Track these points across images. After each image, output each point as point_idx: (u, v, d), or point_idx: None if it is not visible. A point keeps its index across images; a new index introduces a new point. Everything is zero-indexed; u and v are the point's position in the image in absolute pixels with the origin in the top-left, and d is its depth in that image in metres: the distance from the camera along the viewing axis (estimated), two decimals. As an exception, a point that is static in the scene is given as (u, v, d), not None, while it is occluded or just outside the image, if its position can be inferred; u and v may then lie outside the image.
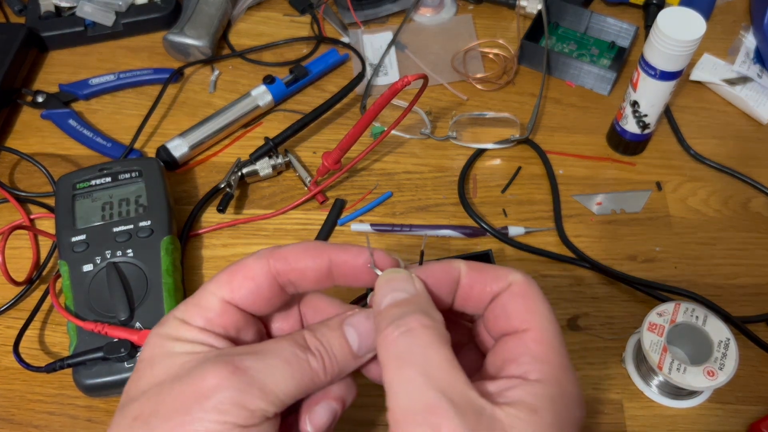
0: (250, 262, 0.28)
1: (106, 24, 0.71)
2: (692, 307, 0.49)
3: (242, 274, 0.28)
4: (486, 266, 0.28)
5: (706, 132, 0.67)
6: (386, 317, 0.26)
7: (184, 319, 0.28)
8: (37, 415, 0.50)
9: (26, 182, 0.62)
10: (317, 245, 0.29)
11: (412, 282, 0.28)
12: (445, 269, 0.28)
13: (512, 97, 0.69)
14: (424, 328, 0.25)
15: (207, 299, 0.28)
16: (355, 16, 0.74)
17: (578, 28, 0.74)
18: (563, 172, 0.63)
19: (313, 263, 0.28)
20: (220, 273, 0.29)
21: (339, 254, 0.29)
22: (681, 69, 0.55)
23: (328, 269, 0.29)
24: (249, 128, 0.66)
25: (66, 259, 0.52)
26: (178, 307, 0.29)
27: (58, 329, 0.54)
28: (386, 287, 0.27)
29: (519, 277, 0.28)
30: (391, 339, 0.25)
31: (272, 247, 0.29)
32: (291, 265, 0.28)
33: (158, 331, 0.28)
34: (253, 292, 0.28)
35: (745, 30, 0.74)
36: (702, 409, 0.51)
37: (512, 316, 0.27)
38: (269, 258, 0.28)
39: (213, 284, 0.29)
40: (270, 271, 0.28)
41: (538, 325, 0.27)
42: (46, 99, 0.66)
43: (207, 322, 0.28)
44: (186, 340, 0.27)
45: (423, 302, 0.27)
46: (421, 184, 0.62)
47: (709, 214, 0.61)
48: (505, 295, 0.28)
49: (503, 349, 0.27)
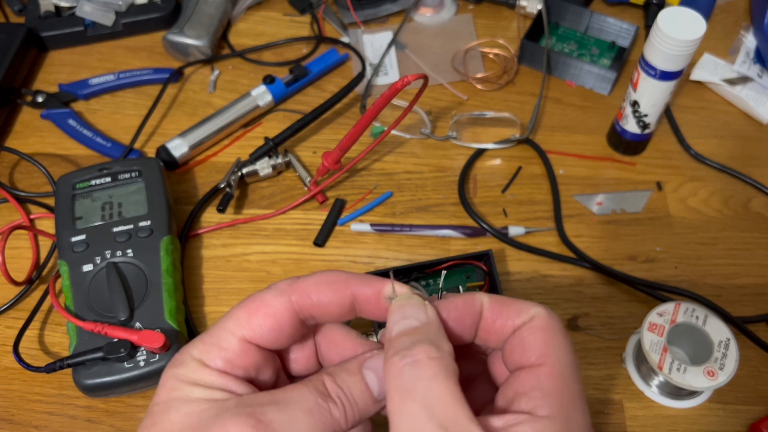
0: (269, 298, 0.28)
1: (106, 24, 0.71)
2: (692, 307, 0.49)
3: (263, 312, 0.27)
4: (508, 300, 0.28)
5: (706, 132, 0.67)
6: (394, 346, 0.25)
7: (203, 359, 0.27)
8: (37, 415, 0.50)
9: (26, 182, 0.62)
10: (339, 278, 0.28)
11: (423, 309, 0.27)
12: (468, 302, 0.28)
13: (512, 97, 0.69)
14: (430, 360, 0.24)
15: (226, 339, 0.27)
16: (355, 15, 0.74)
17: (578, 28, 0.74)
18: (563, 172, 0.63)
19: (337, 298, 0.28)
20: (238, 309, 0.28)
21: (362, 288, 0.28)
22: (681, 69, 0.55)
23: (350, 304, 0.28)
24: (249, 128, 0.66)
25: (66, 259, 0.52)
26: (195, 345, 0.28)
27: (57, 329, 0.54)
28: (398, 314, 0.27)
29: (541, 311, 0.27)
30: (397, 369, 0.24)
31: (291, 279, 0.28)
32: (313, 301, 0.28)
33: (175, 372, 0.27)
34: (274, 329, 0.27)
35: (746, 30, 0.74)
36: (702, 410, 0.51)
37: (529, 349, 0.26)
38: (290, 294, 0.28)
39: (231, 322, 0.27)
40: (292, 307, 0.28)
41: (554, 359, 0.26)
42: (46, 99, 0.66)
43: (226, 363, 0.27)
44: (205, 385, 0.26)
45: (433, 331, 0.26)
46: (421, 184, 0.62)
47: (709, 214, 0.61)
48: (525, 328, 0.27)
49: (516, 382, 0.27)
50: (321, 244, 0.59)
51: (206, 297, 0.56)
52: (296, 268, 0.57)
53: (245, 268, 0.57)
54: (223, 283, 0.56)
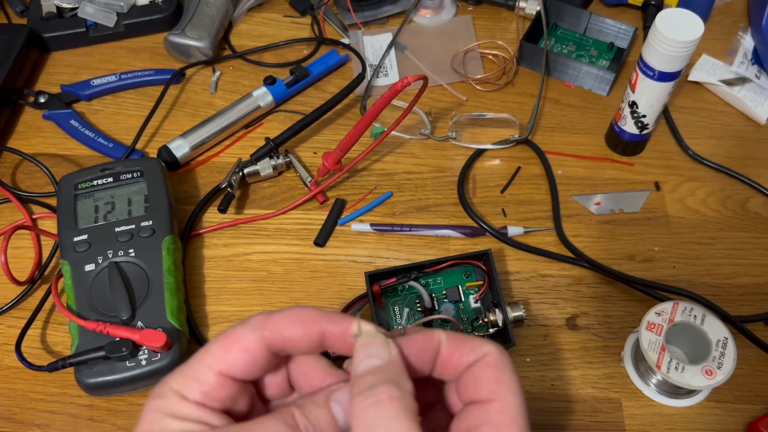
0: (243, 334, 0.29)
1: (108, 25, 0.71)
2: (690, 307, 0.49)
3: (237, 347, 0.29)
4: (464, 337, 0.30)
5: (704, 132, 0.67)
6: (359, 385, 0.27)
7: (182, 392, 0.29)
8: (39, 414, 0.50)
9: (28, 182, 0.62)
10: (309, 315, 0.30)
11: (387, 348, 0.29)
12: (427, 339, 0.30)
13: (511, 98, 0.69)
14: (392, 400, 0.26)
15: (204, 372, 0.29)
16: (355, 17, 0.74)
17: (577, 29, 0.74)
18: (562, 173, 0.64)
19: (307, 335, 0.30)
20: (214, 344, 0.30)
21: (330, 326, 0.30)
22: (679, 70, 0.55)
23: (319, 340, 0.30)
24: (250, 129, 0.66)
25: (68, 259, 0.52)
26: (174, 377, 0.30)
27: (60, 328, 0.54)
28: (363, 352, 0.29)
29: (493, 350, 0.29)
30: (361, 409, 0.27)
31: (263, 315, 0.30)
32: (285, 336, 0.30)
33: (156, 404, 0.29)
34: (248, 363, 0.29)
35: (744, 31, 0.74)
36: (700, 408, 0.51)
37: (481, 385, 0.29)
38: (262, 329, 0.29)
39: (209, 357, 0.29)
40: (264, 342, 0.30)
41: (504, 396, 0.28)
42: (48, 99, 0.66)
43: (204, 396, 0.29)
44: (182, 417, 0.28)
45: (395, 371, 0.28)
46: (420, 184, 0.63)
47: (707, 214, 0.62)
48: (477, 365, 0.29)
49: (468, 416, 0.29)
50: (321, 243, 0.59)
51: (207, 296, 0.56)
52: (297, 268, 0.58)
53: (246, 268, 0.58)
54: (225, 283, 0.57)
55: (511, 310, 0.52)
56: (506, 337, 0.52)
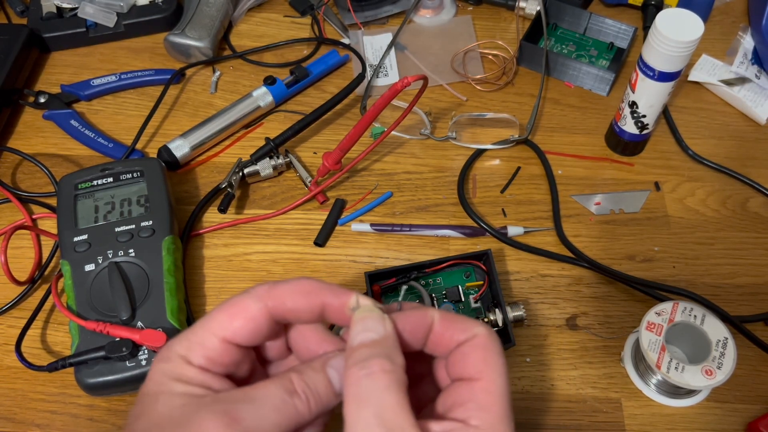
0: (248, 303, 0.31)
1: (108, 25, 0.71)
2: (690, 307, 0.49)
3: (242, 315, 0.31)
4: (456, 317, 0.31)
5: (704, 132, 0.67)
6: (354, 356, 0.29)
7: (187, 356, 0.30)
8: (39, 414, 0.50)
9: (28, 182, 0.62)
10: (312, 287, 0.31)
11: (383, 323, 0.30)
12: (421, 316, 0.31)
13: (511, 98, 0.69)
14: (384, 373, 0.28)
15: (209, 339, 0.30)
16: (355, 17, 0.74)
17: (577, 29, 0.74)
18: (562, 173, 0.64)
19: (308, 306, 0.31)
20: (219, 312, 0.31)
21: (331, 298, 0.31)
22: (679, 70, 0.55)
23: (320, 311, 0.31)
24: (250, 129, 0.66)
25: (68, 259, 0.52)
26: (180, 341, 0.31)
27: (60, 328, 0.54)
28: (359, 325, 0.30)
29: (483, 331, 0.31)
30: (355, 379, 0.28)
31: (268, 285, 0.31)
32: (287, 307, 0.31)
33: (161, 367, 0.30)
34: (252, 331, 0.31)
35: (744, 31, 0.75)
36: (700, 408, 0.51)
37: (469, 364, 0.30)
38: (267, 299, 0.31)
39: (214, 324, 0.31)
40: (268, 311, 0.31)
41: (489, 376, 0.29)
42: (48, 100, 0.66)
43: (208, 361, 0.30)
44: (187, 381, 0.30)
45: (389, 345, 0.29)
46: (420, 184, 0.63)
47: (707, 214, 0.62)
48: (467, 344, 0.30)
49: (455, 392, 0.30)
50: (321, 243, 0.59)
51: (207, 296, 0.56)
52: (297, 268, 0.58)
53: (246, 268, 0.58)
54: (225, 283, 0.57)
55: (511, 310, 0.52)
56: (506, 337, 0.52)
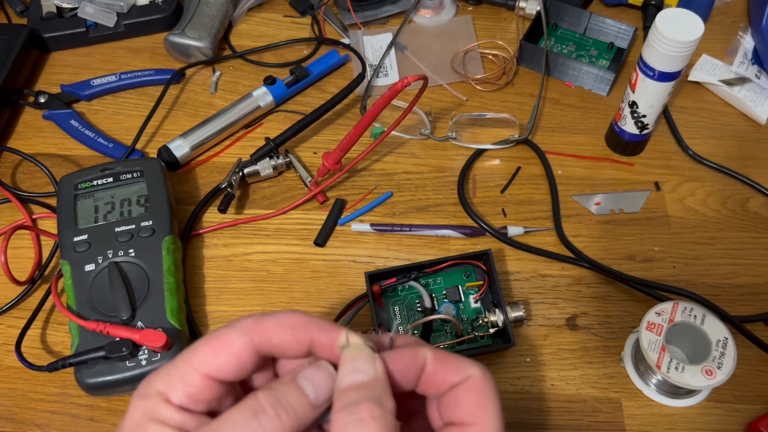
0: (232, 337, 0.29)
1: (108, 25, 0.71)
2: (690, 307, 0.49)
3: (226, 351, 0.29)
4: (450, 357, 0.30)
5: (704, 132, 0.67)
6: (342, 400, 0.27)
7: (167, 394, 0.29)
8: (39, 414, 0.50)
9: (28, 182, 0.62)
10: (299, 321, 0.30)
11: (373, 363, 0.29)
12: (413, 356, 0.30)
13: (511, 98, 0.69)
14: (373, 419, 0.26)
15: (191, 375, 0.29)
16: (355, 17, 0.74)
17: (577, 29, 0.74)
18: (562, 173, 0.64)
19: (296, 342, 0.29)
20: (203, 346, 0.29)
21: (319, 335, 0.29)
22: (679, 70, 0.55)
23: (308, 348, 0.30)
24: (250, 129, 0.66)
25: (68, 259, 0.52)
26: (161, 376, 0.29)
27: (60, 328, 0.54)
28: (348, 365, 0.28)
29: (477, 372, 0.29)
30: (342, 425, 0.27)
31: (254, 319, 0.30)
32: (274, 343, 0.29)
33: (140, 404, 0.29)
34: (236, 366, 0.29)
35: (744, 31, 0.74)
36: (700, 408, 0.51)
37: (462, 408, 0.29)
38: (252, 334, 0.29)
39: (196, 358, 0.29)
40: (254, 347, 0.29)
41: (484, 422, 0.28)
42: (48, 99, 0.66)
43: (188, 398, 0.29)
44: (164, 422, 0.28)
45: (379, 388, 0.28)
46: (420, 184, 0.63)
47: (707, 214, 0.62)
48: (460, 387, 0.29)
49: None
50: (321, 243, 0.59)
51: (208, 296, 0.56)
52: (297, 268, 0.58)
53: (246, 268, 0.58)
54: (225, 283, 0.57)
55: (511, 310, 0.52)
56: (506, 337, 0.52)
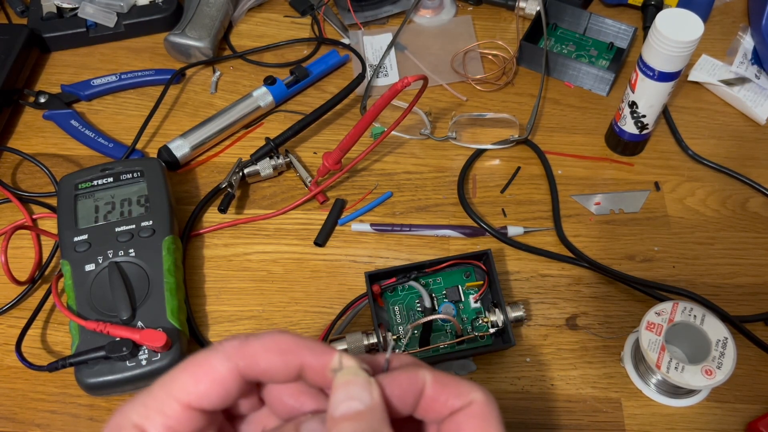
0: (216, 362, 0.27)
1: (108, 25, 0.71)
2: (690, 307, 0.49)
3: (209, 378, 0.26)
4: (450, 380, 0.28)
5: (704, 132, 0.67)
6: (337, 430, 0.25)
7: (143, 427, 0.26)
8: (39, 413, 0.50)
9: (28, 182, 0.62)
10: (288, 344, 0.27)
11: (368, 389, 0.26)
12: (412, 380, 0.27)
13: (511, 98, 0.69)
14: None
15: (170, 405, 0.26)
16: (355, 17, 0.74)
17: (577, 29, 0.74)
18: (562, 173, 0.64)
19: (285, 367, 0.27)
20: (182, 371, 0.27)
21: (310, 358, 0.27)
22: (679, 70, 0.55)
23: (298, 372, 0.28)
24: (250, 129, 0.66)
25: (68, 259, 0.52)
26: (136, 408, 0.26)
27: (60, 328, 0.54)
28: (342, 392, 0.26)
29: (480, 397, 0.27)
30: None
31: (239, 340, 0.27)
32: (261, 368, 0.27)
33: None
34: (219, 395, 0.27)
35: (744, 31, 0.75)
36: (700, 408, 0.51)
37: None
38: (237, 358, 0.27)
39: (176, 387, 0.27)
40: (239, 373, 0.27)
41: None
42: (48, 100, 0.66)
43: (167, 431, 0.26)
44: None
45: (376, 418, 0.26)
46: (420, 184, 0.63)
47: (707, 214, 0.62)
48: (462, 413, 0.27)
49: None
50: (321, 243, 0.59)
51: (208, 296, 0.56)
52: (297, 268, 0.58)
53: (246, 268, 0.58)
54: (225, 283, 0.57)
55: (511, 310, 0.52)
56: (506, 337, 0.52)
